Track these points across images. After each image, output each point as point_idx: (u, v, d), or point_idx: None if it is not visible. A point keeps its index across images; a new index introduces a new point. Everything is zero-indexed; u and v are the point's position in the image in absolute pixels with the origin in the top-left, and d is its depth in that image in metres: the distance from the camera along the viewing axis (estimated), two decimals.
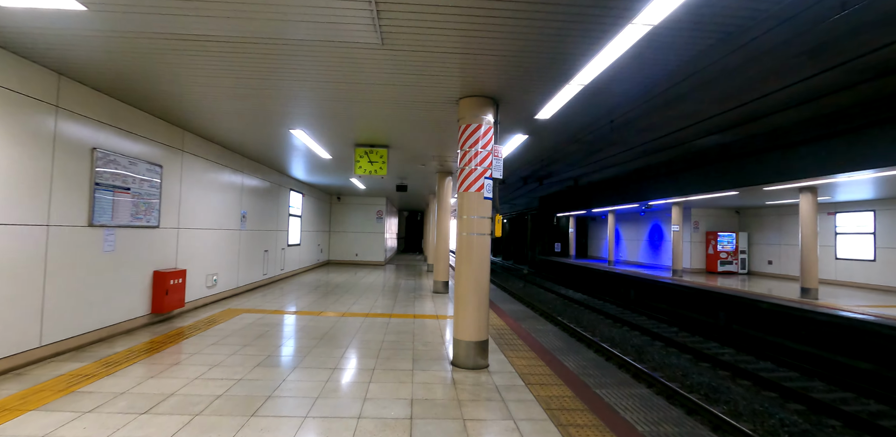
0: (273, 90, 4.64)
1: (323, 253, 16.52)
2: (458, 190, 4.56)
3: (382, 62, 3.79)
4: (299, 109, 5.29)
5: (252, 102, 5.08)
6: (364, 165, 7.14)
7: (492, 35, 3.22)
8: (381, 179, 11.25)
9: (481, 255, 4.44)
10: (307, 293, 9.18)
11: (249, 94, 4.75)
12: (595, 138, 11.68)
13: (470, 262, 4.42)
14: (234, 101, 5.04)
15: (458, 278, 4.50)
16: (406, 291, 10.01)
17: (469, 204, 4.46)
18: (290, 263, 12.26)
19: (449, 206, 10.03)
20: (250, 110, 5.42)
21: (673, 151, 12.92)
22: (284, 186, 11.59)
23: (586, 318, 13.15)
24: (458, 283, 4.52)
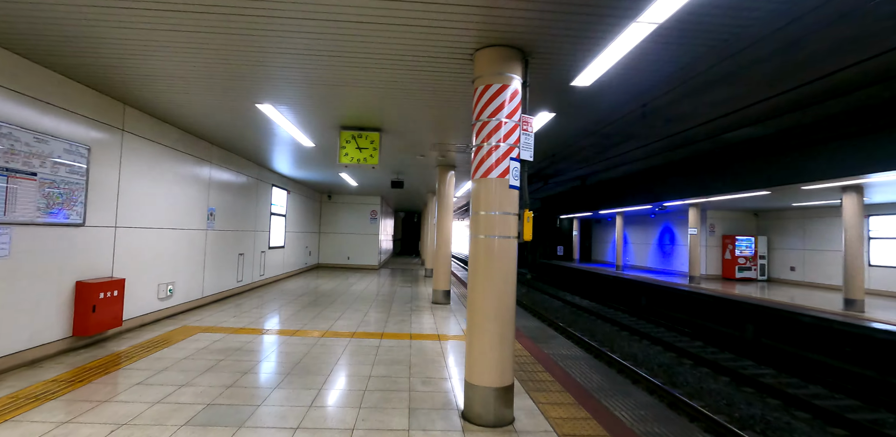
0: (236, 48, 3.40)
1: (311, 256, 15.23)
2: (473, 176, 3.32)
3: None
4: (268, 70, 4.04)
5: (209, 62, 3.83)
6: (351, 152, 5.89)
7: None
8: (373, 171, 9.99)
9: (505, 267, 3.19)
10: (287, 304, 7.90)
11: (204, 47, 3.50)
12: (614, 131, 10.51)
13: (490, 276, 3.17)
14: (186, 59, 3.79)
15: (473, 300, 3.25)
16: (401, 301, 8.75)
17: (488, 195, 3.21)
18: (272, 267, 10.98)
19: (451, 204, 8.79)
20: (205, 75, 4.17)
21: (695, 146, 11.75)
22: (265, 182, 10.31)
23: (600, 330, 11.92)
24: (472, 306, 3.26)
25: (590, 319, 13.58)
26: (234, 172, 8.47)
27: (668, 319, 13.99)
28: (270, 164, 9.60)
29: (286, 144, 7.41)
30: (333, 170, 10.13)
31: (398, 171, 9.80)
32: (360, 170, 9.83)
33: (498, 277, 3.16)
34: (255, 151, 8.10)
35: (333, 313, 7.21)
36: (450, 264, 8.75)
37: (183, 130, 6.52)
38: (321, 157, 8.40)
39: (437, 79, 4.09)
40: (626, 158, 13.73)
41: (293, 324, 6.20)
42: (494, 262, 3.17)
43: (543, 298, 18.03)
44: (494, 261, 3.17)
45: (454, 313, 7.54)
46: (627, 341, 10.79)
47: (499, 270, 3.16)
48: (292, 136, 6.62)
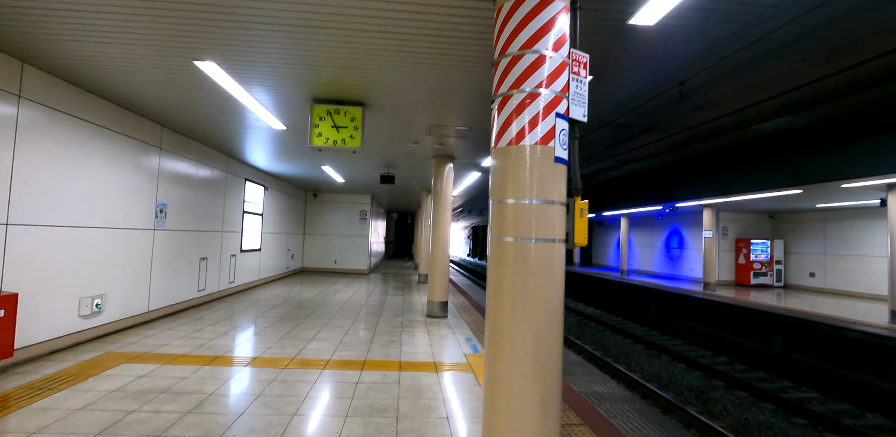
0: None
1: (294, 260, 13.95)
2: (495, 145, 2.13)
3: None
4: (203, 8, 2.83)
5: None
6: (326, 132, 4.67)
7: None
8: (360, 164, 8.74)
9: (549, 289, 1.98)
10: (256, 318, 6.64)
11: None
12: (634, 120, 9.39)
13: (523, 306, 1.95)
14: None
15: (496, 342, 2.03)
16: (391, 313, 7.51)
17: (519, 174, 2.01)
18: (246, 273, 9.70)
19: (448, 202, 7.59)
20: (126, 16, 2.95)
21: (718, 140, 10.68)
22: (237, 176, 9.05)
23: (613, 343, 10.75)
24: (495, 351, 2.04)
25: (598, 329, 12.41)
26: (194, 161, 7.20)
27: (682, 329, 12.86)
28: (241, 154, 8.34)
29: (252, 128, 6.18)
30: (314, 162, 8.89)
31: (388, 163, 8.58)
32: (342, 160, 8.60)
33: (538, 306, 1.95)
34: (219, 137, 6.85)
35: (309, 330, 5.96)
36: (447, 270, 7.54)
37: (118, 106, 5.26)
38: (296, 144, 7.16)
39: (437, 15, 2.90)
40: (639, 153, 12.63)
41: (254, 347, 4.96)
42: (531, 282, 1.96)
43: None
44: (531, 280, 1.96)
45: (453, 330, 6.32)
46: (645, 356, 9.61)
47: (539, 294, 1.95)
48: (256, 114, 5.38)
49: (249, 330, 5.82)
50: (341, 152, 4.90)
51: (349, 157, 8.06)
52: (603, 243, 25.71)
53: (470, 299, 9.89)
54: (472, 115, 5.11)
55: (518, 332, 1.95)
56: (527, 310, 1.94)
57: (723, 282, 16.21)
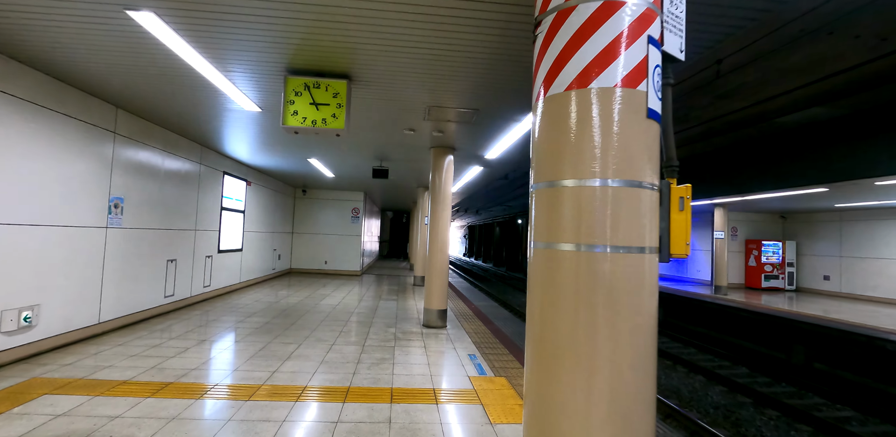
0: None
1: (282, 260, 13.09)
2: (542, 94, 1.32)
3: None
4: None
5: None
6: (304, 111, 3.85)
7: None
8: (350, 156, 7.90)
9: (639, 337, 1.18)
10: (227, 330, 5.80)
11: None
12: None
13: (595, 358, 1.15)
14: None
15: (546, 415, 1.23)
16: (384, 322, 6.70)
17: (586, 133, 1.20)
18: (224, 275, 8.84)
19: (448, 198, 6.78)
20: None
21: (736, 134, 9.95)
22: (213, 169, 8.19)
23: None
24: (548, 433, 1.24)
25: None
26: (160, 151, 6.35)
27: (693, 336, 12.13)
28: (217, 144, 7.49)
29: (224, 111, 5.33)
30: (300, 153, 8.05)
31: (381, 155, 7.76)
32: (330, 152, 7.76)
33: (621, 359, 1.15)
34: (187, 122, 6.00)
35: (287, 344, 5.13)
36: (446, 274, 6.73)
37: (53, 79, 4.40)
38: (275, 130, 6.32)
39: None
40: None
41: (218, 369, 4.12)
42: (609, 323, 1.15)
43: None
44: (608, 320, 1.16)
45: (453, 344, 5.52)
46: (660, 367, 8.85)
47: (623, 347, 1.15)
48: (222, 90, 4.54)
49: (217, 345, 4.99)
50: (323, 135, 4.08)
51: (336, 147, 7.23)
52: None
53: (470, 304, 9.09)
54: (481, 93, 4.30)
55: (598, 414, 1.14)
56: (599, 364, 1.13)
57: (732, 285, 15.50)
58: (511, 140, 6.20)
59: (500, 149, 6.82)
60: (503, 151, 7.04)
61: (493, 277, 29.01)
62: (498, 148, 6.77)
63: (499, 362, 4.81)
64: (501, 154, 7.26)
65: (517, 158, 7.82)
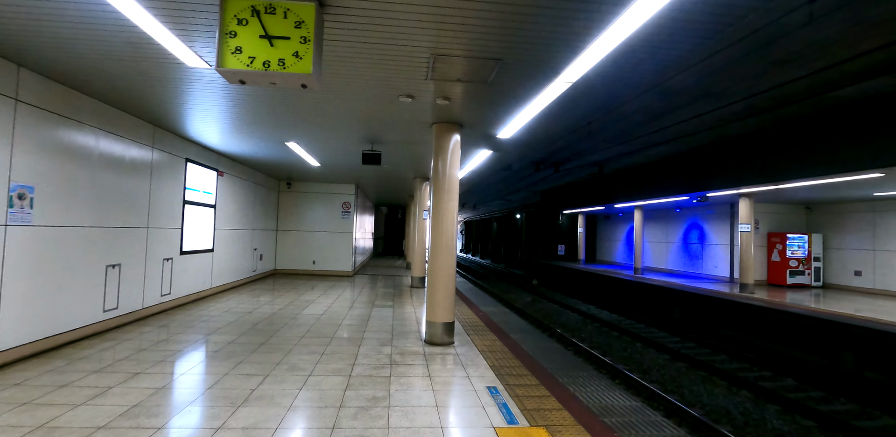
0: None
1: (265, 261, 11.81)
2: None
3: None
4: None
5: None
6: (250, 47, 2.58)
7: None
8: (334, 138, 6.60)
9: None
10: (176, 355, 4.55)
11: None
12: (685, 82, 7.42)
13: None
14: None
15: None
16: (377, 339, 5.47)
17: None
18: (190, 280, 7.56)
19: (455, 185, 5.53)
20: None
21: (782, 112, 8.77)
22: (172, 154, 6.89)
23: (649, 360, 8.81)
24: None
25: (624, 340, 10.48)
26: (92, 127, 5.05)
27: (718, 339, 11.00)
28: (174, 123, 6.19)
29: (166, 72, 4.04)
30: (275, 136, 6.77)
31: (372, 135, 6.49)
32: (310, 132, 6.47)
33: None
34: (126, 90, 4.70)
35: (247, 379, 3.89)
36: (453, 279, 5.49)
37: None
38: (239, 98, 5.04)
39: None
40: (674, 132, 10.69)
41: (136, 426, 2.88)
42: None
43: (554, 308, 14.93)
44: None
45: (465, 370, 4.30)
46: (697, 381, 7.68)
47: None
48: (153, 37, 3.26)
49: (153, 381, 3.73)
50: (282, 87, 2.82)
51: (318, 126, 5.95)
52: (608, 238, 23.90)
53: (476, 309, 7.87)
54: (507, 36, 3.05)
55: None
56: None
57: (754, 281, 14.38)
58: (534, 111, 4.95)
59: (517, 124, 5.58)
60: (520, 128, 5.80)
61: (492, 274, 27.88)
62: (516, 123, 5.52)
63: (530, 399, 3.59)
64: (517, 132, 6.02)
65: (535, 138, 6.58)
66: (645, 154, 13.32)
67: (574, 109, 5.34)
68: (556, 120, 5.76)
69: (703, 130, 10.20)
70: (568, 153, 13.87)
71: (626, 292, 15.48)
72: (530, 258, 27.37)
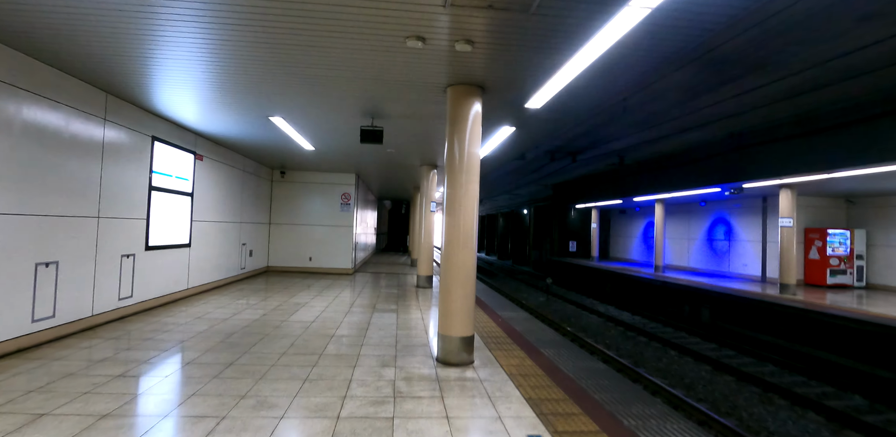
0: None
1: (255, 257, 10.72)
2: None
3: None
4: None
5: None
6: None
7: None
8: (328, 112, 5.49)
9: None
10: (107, 384, 3.46)
11: None
12: (739, 50, 6.26)
13: None
14: None
15: None
16: (376, 358, 4.36)
17: None
18: (159, 280, 6.48)
19: (476, 162, 4.39)
20: None
21: (839, 88, 7.61)
22: (133, 130, 5.78)
23: (690, 373, 7.69)
24: None
25: (654, 347, 9.34)
26: (11, 87, 3.94)
27: (757, 345, 9.85)
28: (133, 89, 5.08)
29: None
30: (257, 108, 5.65)
31: (371, 106, 5.35)
32: (294, 98, 5.34)
33: None
34: (68, 42, 3.59)
35: (195, 423, 2.79)
36: (472, 282, 4.36)
37: None
38: (217, 46, 3.91)
39: None
40: (711, 113, 9.49)
41: None
42: None
43: (570, 309, 13.81)
44: None
45: (496, 405, 3.19)
46: (755, 401, 6.55)
47: None
48: None
49: (54, 431, 2.64)
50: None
51: (307, 90, 4.82)
52: (622, 234, 22.72)
53: (493, 315, 6.74)
54: None
55: None
56: None
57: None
58: (578, 67, 3.81)
59: (552, 89, 4.43)
60: (553, 97, 4.65)
61: (499, 271, 26.80)
62: (551, 87, 4.37)
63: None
64: (548, 103, 4.87)
65: (565, 113, 5.42)
66: (672, 142, 12.13)
67: (611, 82, 4.26)
68: (595, 89, 4.63)
69: (746, 111, 9.01)
70: (588, 141, 12.68)
71: (647, 292, 14.33)
72: (540, 255, 26.23)
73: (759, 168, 10.01)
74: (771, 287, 12.35)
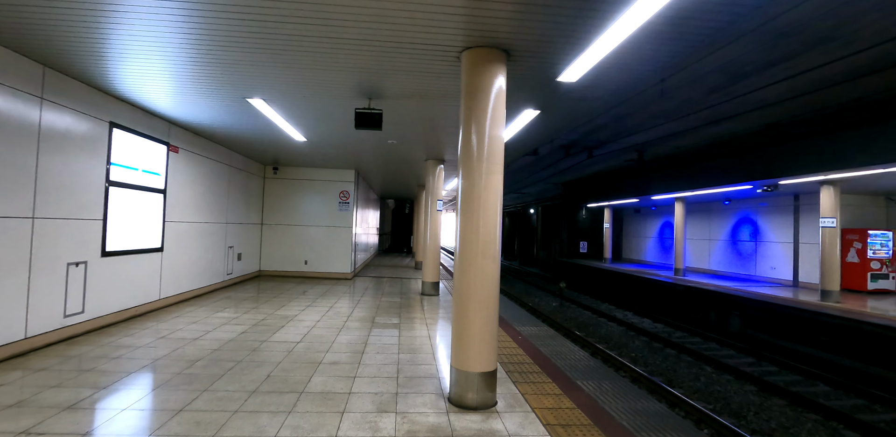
0: None
1: (245, 261, 9.80)
2: None
3: None
4: None
5: None
6: None
7: None
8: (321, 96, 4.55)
9: None
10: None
11: None
12: (805, 18, 5.32)
13: None
14: None
15: None
16: (371, 394, 3.41)
17: None
18: (119, 292, 5.55)
19: (500, 145, 3.43)
20: None
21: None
22: (84, 114, 4.85)
23: (733, 392, 6.70)
24: None
25: (687, 362, 8.34)
26: None
27: (800, 359, 8.84)
28: (84, 64, 4.15)
29: None
30: (231, 85, 4.71)
31: (367, 82, 4.40)
32: (274, 73, 4.38)
33: None
34: None
35: None
36: (495, 302, 3.40)
37: None
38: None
39: None
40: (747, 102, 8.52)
41: None
42: None
43: (586, 317, 12.82)
44: None
45: None
46: (817, 429, 5.56)
47: None
48: None
49: None
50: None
51: (289, 57, 3.87)
52: (636, 234, 21.70)
53: (514, 332, 5.77)
54: None
55: None
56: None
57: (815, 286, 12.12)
58: (626, 29, 2.85)
59: (594, 56, 3.46)
60: (598, 63, 3.68)
61: (506, 272, 25.86)
62: (593, 53, 3.40)
63: None
64: (591, 72, 3.90)
65: (603, 89, 4.44)
66: (699, 134, 11.13)
67: (651, 57, 3.31)
68: (635, 63, 3.66)
69: (792, 97, 8.01)
70: (607, 134, 11.69)
71: (668, 297, 13.33)
72: (548, 256, 25.24)
73: (802, 162, 8.99)
74: (804, 293, 11.34)
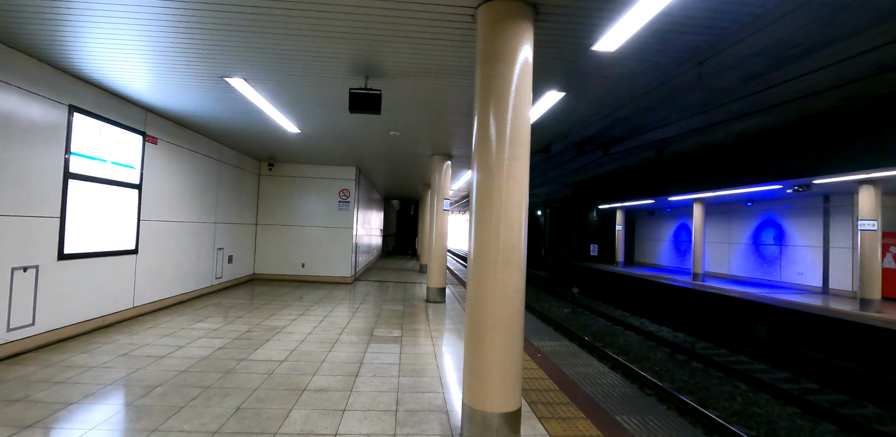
0: None
1: (236, 264, 9.13)
2: None
3: None
4: None
5: None
6: None
7: None
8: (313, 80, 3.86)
9: None
10: None
11: None
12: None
13: None
14: None
15: None
16: (362, 435, 2.71)
17: None
18: (82, 300, 4.88)
19: (524, 126, 2.72)
20: None
21: None
22: (36, 95, 4.19)
23: (779, 419, 5.91)
24: None
25: (717, 378, 7.55)
26: None
27: (833, 372, 8.04)
28: (32, 31, 3.48)
29: None
30: (208, 65, 4.03)
31: (362, 55, 3.70)
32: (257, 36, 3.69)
33: None
34: None
35: None
36: (520, 322, 2.68)
37: None
38: None
39: None
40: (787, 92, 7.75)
41: None
42: None
43: (601, 324, 12.04)
44: None
45: None
46: None
47: None
48: None
49: None
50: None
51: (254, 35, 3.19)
52: (650, 237, 20.87)
53: (534, 351, 5.04)
54: None
55: None
56: None
57: (850, 293, 11.28)
58: None
59: (636, 20, 2.75)
60: (638, 31, 2.96)
61: None
62: (634, 17, 2.69)
63: None
64: (631, 40, 3.18)
65: (648, 59, 3.72)
66: (725, 130, 10.34)
67: (688, 35, 2.56)
68: (676, 34, 2.93)
69: (839, 85, 7.25)
70: (625, 129, 10.92)
71: (687, 304, 12.53)
72: (557, 259, 24.46)
73: (842, 159, 8.20)
74: (837, 301, 10.52)
